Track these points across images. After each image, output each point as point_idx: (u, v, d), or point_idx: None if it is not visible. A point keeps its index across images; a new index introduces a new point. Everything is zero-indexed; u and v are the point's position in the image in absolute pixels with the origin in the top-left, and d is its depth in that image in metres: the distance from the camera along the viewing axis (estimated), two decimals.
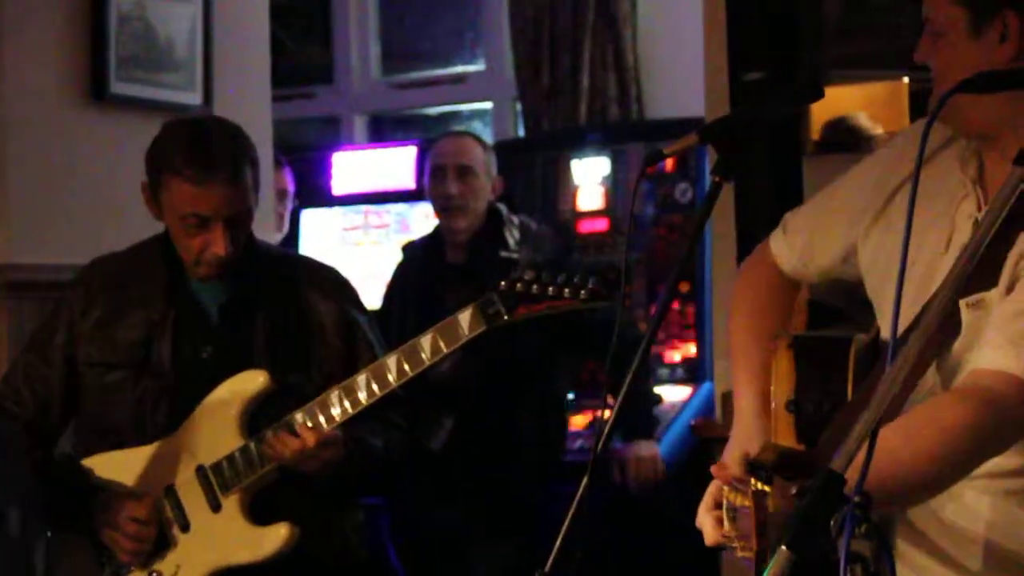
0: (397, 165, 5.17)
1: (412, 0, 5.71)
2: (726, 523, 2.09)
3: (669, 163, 4.55)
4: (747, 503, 1.99)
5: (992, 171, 2.10)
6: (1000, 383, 1.94)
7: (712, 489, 2.14)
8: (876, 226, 2.21)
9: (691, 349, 4.56)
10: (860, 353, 2.13)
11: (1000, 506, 2.05)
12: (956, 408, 1.95)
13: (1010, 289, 1.99)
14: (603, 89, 4.92)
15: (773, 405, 2.18)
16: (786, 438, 2.15)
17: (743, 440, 2.22)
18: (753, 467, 1.96)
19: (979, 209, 2.09)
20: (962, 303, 2.02)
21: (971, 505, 2.05)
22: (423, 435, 3.95)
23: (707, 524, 2.13)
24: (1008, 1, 2.03)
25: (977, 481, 2.03)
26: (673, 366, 4.56)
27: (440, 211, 4.12)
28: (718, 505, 2.12)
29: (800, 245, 2.31)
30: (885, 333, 2.15)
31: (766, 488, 1.94)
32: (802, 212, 2.36)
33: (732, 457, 2.19)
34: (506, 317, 2.86)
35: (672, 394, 4.45)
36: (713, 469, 2.12)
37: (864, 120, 3.58)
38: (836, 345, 2.14)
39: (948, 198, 2.10)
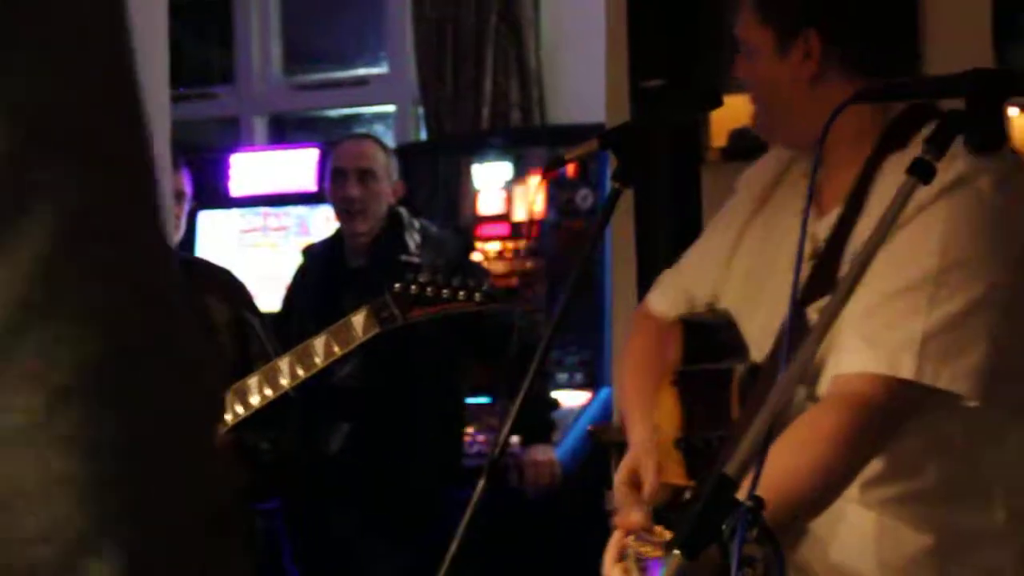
0: (298, 167, 5.13)
1: (315, 1, 5.68)
2: (634, 574, 2.10)
3: (571, 169, 4.56)
4: (656, 553, 2.00)
5: (825, 189, 2.16)
6: (865, 384, 1.98)
7: (616, 539, 2.15)
8: (733, 259, 2.29)
9: (590, 355, 4.58)
10: (742, 383, 2.16)
11: (877, 519, 2.09)
12: (831, 417, 1.98)
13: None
14: (505, 94, 4.93)
15: (661, 443, 2.20)
16: (676, 476, 2.17)
17: (627, 469, 2.25)
18: (659, 516, 1.98)
19: (812, 224, 2.16)
20: (809, 310, 2.06)
21: (852, 521, 2.09)
22: (321, 438, 3.93)
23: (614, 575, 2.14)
24: (810, 20, 2.11)
25: (854, 493, 2.06)
26: (572, 371, 4.57)
27: (340, 214, 4.10)
28: (623, 555, 2.13)
29: (677, 287, 2.40)
30: (754, 356, 2.20)
31: (668, 535, 1.96)
32: (674, 267, 2.45)
33: (620, 490, 2.22)
34: (400, 319, 2.85)
35: (570, 399, 4.46)
36: (616, 520, 2.13)
37: None
38: (718, 377, 2.18)
39: (788, 217, 2.17)
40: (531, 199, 4.49)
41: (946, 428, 2.07)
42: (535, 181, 4.65)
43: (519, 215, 4.72)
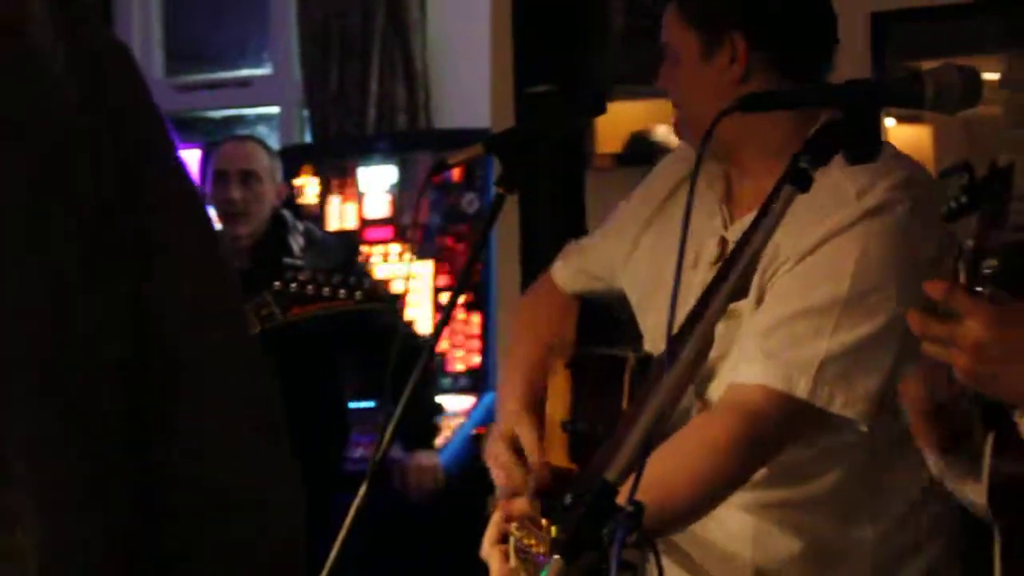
0: None
1: (197, 1, 5.61)
2: (513, 559, 2.10)
3: (456, 173, 4.56)
4: (540, 549, 2.00)
5: (737, 190, 2.19)
6: (758, 396, 2.00)
7: (496, 521, 2.15)
8: (636, 252, 2.30)
9: (475, 359, 4.58)
10: (634, 373, 2.17)
11: (758, 524, 2.11)
12: (720, 425, 2.01)
13: (760, 300, 2.06)
14: (391, 97, 4.91)
15: (548, 424, 2.21)
16: (560, 457, 2.18)
17: (503, 429, 2.26)
18: (548, 507, 1.98)
19: (725, 227, 2.17)
20: None
21: (732, 527, 2.11)
22: None
23: (494, 559, 2.14)
24: (736, 24, 2.12)
25: (736, 498, 2.08)
26: (456, 375, 4.57)
27: (222, 216, 4.07)
28: (504, 539, 2.13)
29: (579, 266, 2.41)
30: (649, 348, 2.21)
31: (553, 530, 1.96)
32: (582, 240, 2.45)
33: (499, 456, 2.22)
34: (280, 317, 2.83)
35: (455, 403, 4.46)
36: (501, 505, 2.13)
37: (663, 134, 3.66)
38: (612, 364, 2.19)
39: (698, 219, 2.18)
40: (417, 203, 4.49)
41: (832, 446, 2.10)
42: (420, 185, 4.64)
43: (404, 219, 4.71)
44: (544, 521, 1.97)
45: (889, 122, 3.40)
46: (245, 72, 5.49)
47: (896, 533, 2.14)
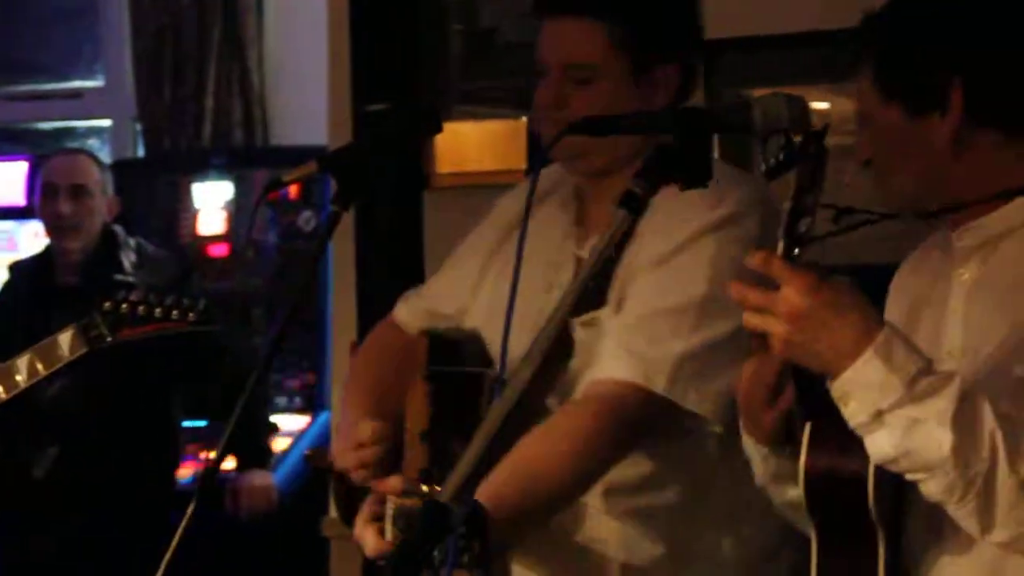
0: (6, 181, 4.96)
1: (26, 10, 5.49)
2: (389, 532, 2.10)
3: (293, 190, 4.55)
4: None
5: (592, 211, 2.23)
6: (620, 389, 2.05)
7: (371, 501, 2.15)
8: (483, 281, 2.32)
9: (310, 378, 4.56)
10: (491, 391, 2.20)
11: (619, 528, 2.15)
12: (585, 415, 2.05)
13: (619, 306, 2.11)
14: (227, 112, 4.87)
15: (408, 435, 2.22)
16: (419, 468, 2.19)
17: (348, 429, 2.27)
18: (425, 475, 1.99)
19: (577, 246, 2.20)
20: (576, 322, 2.12)
21: (595, 526, 2.14)
22: (25, 462, 3.80)
23: (368, 535, 2.14)
24: (674, 51, 2.16)
25: (597, 500, 2.12)
26: (291, 394, 4.54)
27: (51, 231, 4.00)
28: (377, 518, 2.13)
29: (422, 307, 2.42)
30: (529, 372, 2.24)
31: (437, 488, 1.97)
32: (419, 289, 2.47)
33: (344, 453, 2.25)
34: (109, 339, 2.78)
35: (289, 423, 4.43)
36: (375, 485, 2.12)
37: None
38: (470, 379, 2.22)
39: (551, 243, 2.21)
40: (251, 220, 4.46)
41: (691, 448, 2.14)
42: (256, 202, 4.60)
43: (240, 236, 4.66)
44: (424, 487, 1.97)
45: None
46: (76, 83, 5.39)
47: (756, 537, 2.19)
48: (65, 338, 2.81)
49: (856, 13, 3.68)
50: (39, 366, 2.77)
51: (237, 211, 4.70)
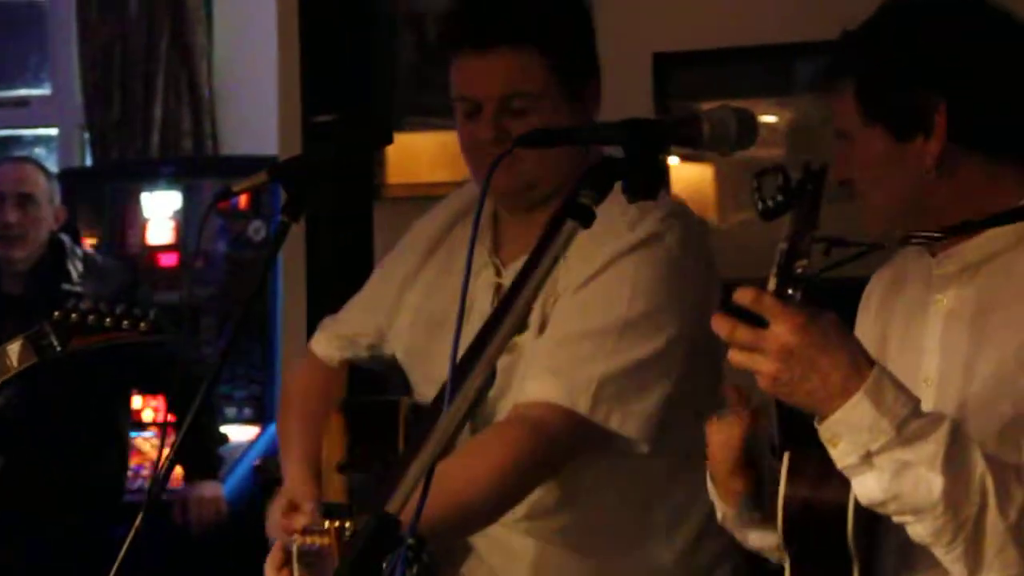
0: None
1: None
2: (296, 572, 2.08)
3: (243, 200, 4.53)
4: (323, 541, 1.99)
5: (508, 239, 2.22)
6: (544, 411, 2.04)
7: (278, 546, 2.13)
8: (401, 306, 2.32)
9: (259, 389, 4.54)
10: (407, 417, 2.21)
11: (543, 548, 2.14)
12: (508, 437, 2.05)
13: (542, 329, 2.10)
14: (176, 122, 4.85)
15: (324, 467, 2.21)
16: (337, 498, 2.18)
17: (282, 500, 2.25)
18: (329, 510, 1.98)
19: (498, 275, 2.20)
20: None
21: (517, 550, 2.14)
22: None
23: None
24: (597, 66, 2.16)
25: (520, 524, 2.11)
26: (241, 405, 4.52)
27: None
28: (287, 561, 2.11)
29: (338, 334, 2.41)
30: (420, 396, 2.24)
31: (345, 523, 1.96)
32: (336, 316, 2.46)
33: (276, 518, 2.21)
34: (59, 349, 2.76)
35: (239, 434, 4.41)
36: (281, 524, 2.11)
37: None
38: (385, 408, 2.22)
39: (476, 264, 2.20)
40: (200, 229, 4.44)
41: (617, 469, 2.14)
42: (205, 211, 4.58)
43: (189, 245, 4.65)
44: (326, 522, 1.96)
45: (673, 160, 3.48)
46: (23, 91, 5.35)
47: (695, 551, 2.19)
48: (14, 349, 2.78)
49: (804, 28, 3.72)
50: None
51: (186, 221, 4.68)
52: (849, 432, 1.60)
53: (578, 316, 2.08)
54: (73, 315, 2.79)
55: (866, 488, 1.63)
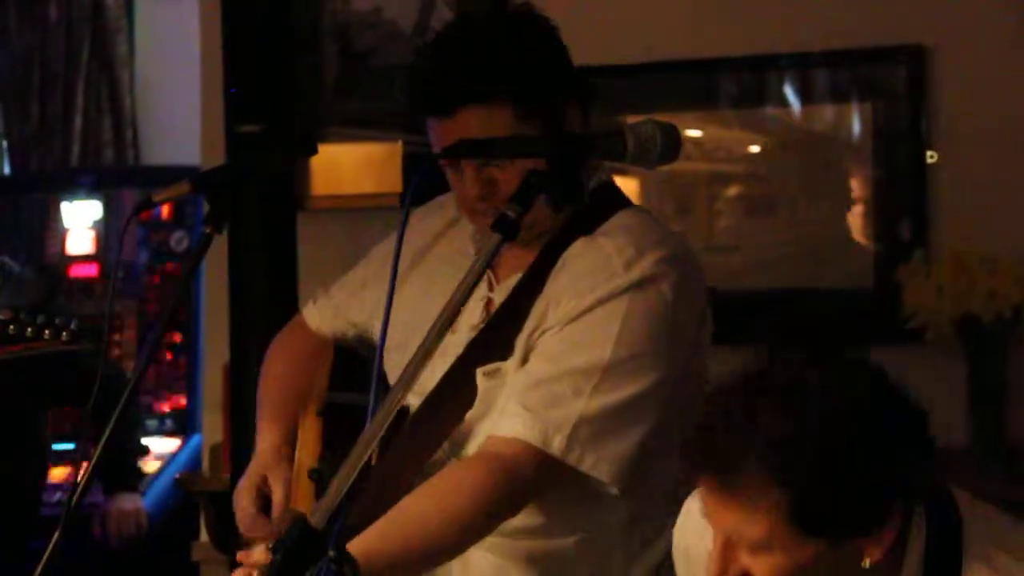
0: None
1: None
2: None
3: (165, 210, 4.50)
4: None
5: (504, 258, 2.15)
6: (514, 449, 2.02)
7: (238, 573, 2.09)
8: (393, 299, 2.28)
9: (181, 401, 4.51)
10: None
11: (503, 566, 2.14)
12: (476, 474, 2.02)
13: (525, 360, 2.09)
14: (97, 131, 4.81)
15: (297, 470, 2.20)
16: (306, 505, 2.16)
17: (254, 475, 2.23)
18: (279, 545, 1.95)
19: (491, 289, 2.18)
20: (479, 372, 2.10)
21: (478, 566, 2.13)
22: None
23: None
24: (570, 92, 2.11)
25: (486, 541, 2.11)
26: (163, 417, 4.49)
27: None
28: None
29: (333, 307, 2.38)
30: (405, 400, 2.21)
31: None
32: (329, 291, 2.42)
33: (245, 511, 2.20)
34: None
35: (160, 446, 4.37)
36: (240, 556, 2.08)
37: None
38: (361, 413, 2.19)
39: (457, 281, 2.18)
40: (121, 239, 4.40)
41: (582, 505, 2.12)
42: (126, 221, 4.54)
43: (110, 256, 4.61)
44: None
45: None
46: None
47: (635, 568, 2.20)
48: None
49: (726, 42, 3.75)
50: None
51: (106, 231, 4.64)
52: None
53: (562, 353, 2.05)
54: None
55: None
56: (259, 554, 2.07)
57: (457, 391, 2.10)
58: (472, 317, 2.15)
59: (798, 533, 1.58)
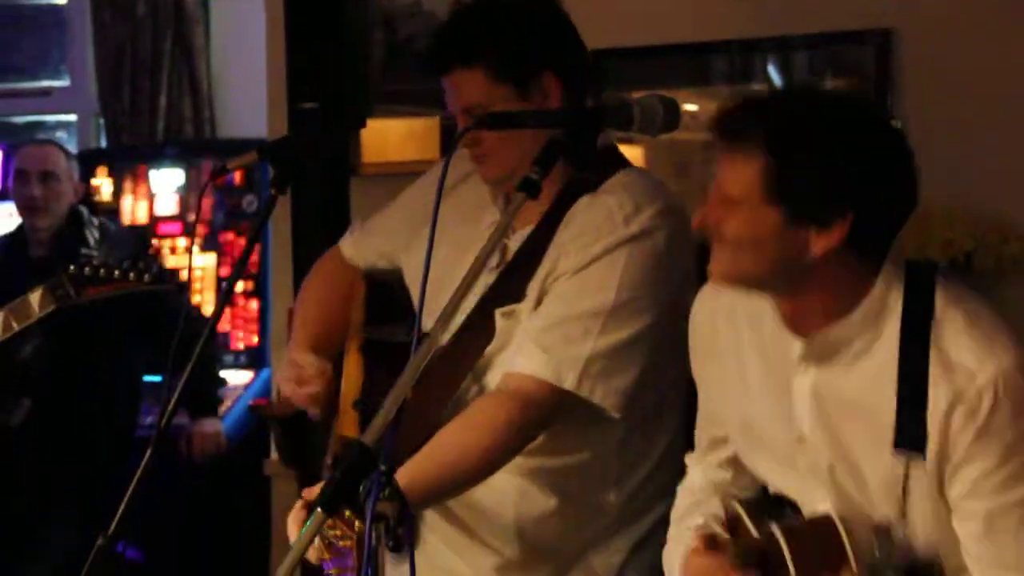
0: None
1: (2, 20, 5.38)
2: (316, 539, 2.03)
3: (237, 177, 4.50)
4: (345, 541, 1.90)
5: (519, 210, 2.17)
6: (532, 386, 2.03)
7: (299, 506, 2.05)
8: (416, 240, 2.27)
9: (254, 339, 4.52)
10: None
11: (516, 483, 2.14)
12: (498, 408, 2.03)
13: (538, 303, 2.08)
14: (179, 110, 4.82)
15: (342, 403, 2.20)
16: (352, 432, 2.17)
17: (292, 360, 2.23)
18: (338, 456, 1.96)
19: (507, 238, 2.17)
20: (497, 312, 2.09)
21: (498, 484, 2.13)
22: (3, 412, 3.73)
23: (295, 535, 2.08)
24: (544, 62, 2.09)
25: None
26: (237, 353, 4.50)
27: (24, 211, 3.93)
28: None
29: (367, 240, 2.39)
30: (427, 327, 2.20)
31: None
32: (370, 219, 2.40)
33: (287, 383, 2.23)
34: (74, 296, 2.74)
35: (236, 378, 4.39)
36: (304, 492, 2.07)
37: None
38: (402, 350, 2.17)
39: (480, 232, 2.17)
40: (200, 202, 4.42)
41: (588, 425, 2.13)
42: (204, 186, 4.55)
43: (191, 216, 4.62)
44: (348, 512, 1.91)
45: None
46: (46, 83, 5.29)
47: (636, 495, 2.19)
48: (35, 297, 2.77)
49: (720, 28, 3.71)
50: (13, 322, 2.73)
51: (188, 195, 4.64)
52: None
53: (570, 299, 2.05)
54: (87, 268, 2.78)
55: None
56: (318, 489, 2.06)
57: (478, 329, 2.10)
58: (491, 261, 2.15)
59: (766, 198, 1.64)
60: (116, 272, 2.77)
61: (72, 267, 2.76)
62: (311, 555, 1.95)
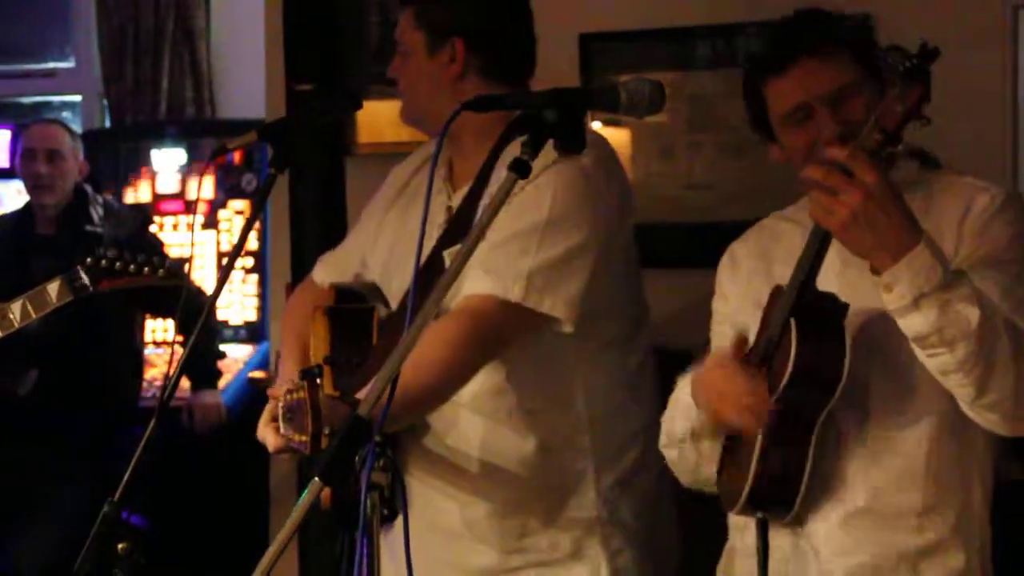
0: None
1: (8, 1, 5.35)
2: (282, 426, 2.09)
3: (238, 157, 4.50)
4: (301, 395, 1.98)
5: (457, 169, 2.24)
6: (482, 303, 2.06)
7: (268, 407, 2.15)
8: (380, 232, 2.34)
9: (252, 314, 4.51)
10: (381, 320, 2.22)
11: (487, 424, 2.16)
12: (451, 325, 2.06)
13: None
14: (180, 91, 4.81)
15: (312, 360, 2.21)
16: (327, 388, 2.18)
17: (287, 374, 2.26)
18: (304, 372, 1.98)
19: (449, 198, 2.22)
20: (445, 254, 2.13)
21: (465, 427, 2.15)
22: (10, 382, 3.74)
23: (268, 434, 2.14)
24: (457, 30, 2.16)
25: (467, 401, 2.12)
26: (237, 328, 4.50)
27: (31, 188, 3.92)
28: (275, 419, 2.13)
29: (332, 264, 2.45)
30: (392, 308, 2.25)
31: (317, 381, 1.96)
32: (333, 251, 2.49)
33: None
34: (91, 289, 2.78)
35: (236, 351, 4.39)
36: (269, 392, 2.13)
37: None
38: (362, 313, 2.23)
39: (436, 204, 2.22)
40: (200, 181, 4.41)
41: (546, 351, 2.15)
42: (204, 165, 4.55)
43: (191, 195, 4.61)
44: (305, 383, 1.95)
45: (595, 124, 3.46)
46: (51, 64, 5.27)
47: (616, 463, 2.20)
48: (54, 287, 2.80)
49: (703, 13, 3.70)
50: (31, 310, 2.78)
51: (189, 174, 4.63)
52: (908, 277, 1.59)
53: (508, 223, 2.08)
54: (103, 261, 2.82)
55: (913, 325, 1.62)
56: (279, 386, 2.11)
57: (434, 276, 2.11)
58: (438, 219, 2.20)
59: (863, 70, 1.87)
60: (132, 266, 2.80)
61: (89, 259, 2.79)
62: (274, 443, 2.07)
